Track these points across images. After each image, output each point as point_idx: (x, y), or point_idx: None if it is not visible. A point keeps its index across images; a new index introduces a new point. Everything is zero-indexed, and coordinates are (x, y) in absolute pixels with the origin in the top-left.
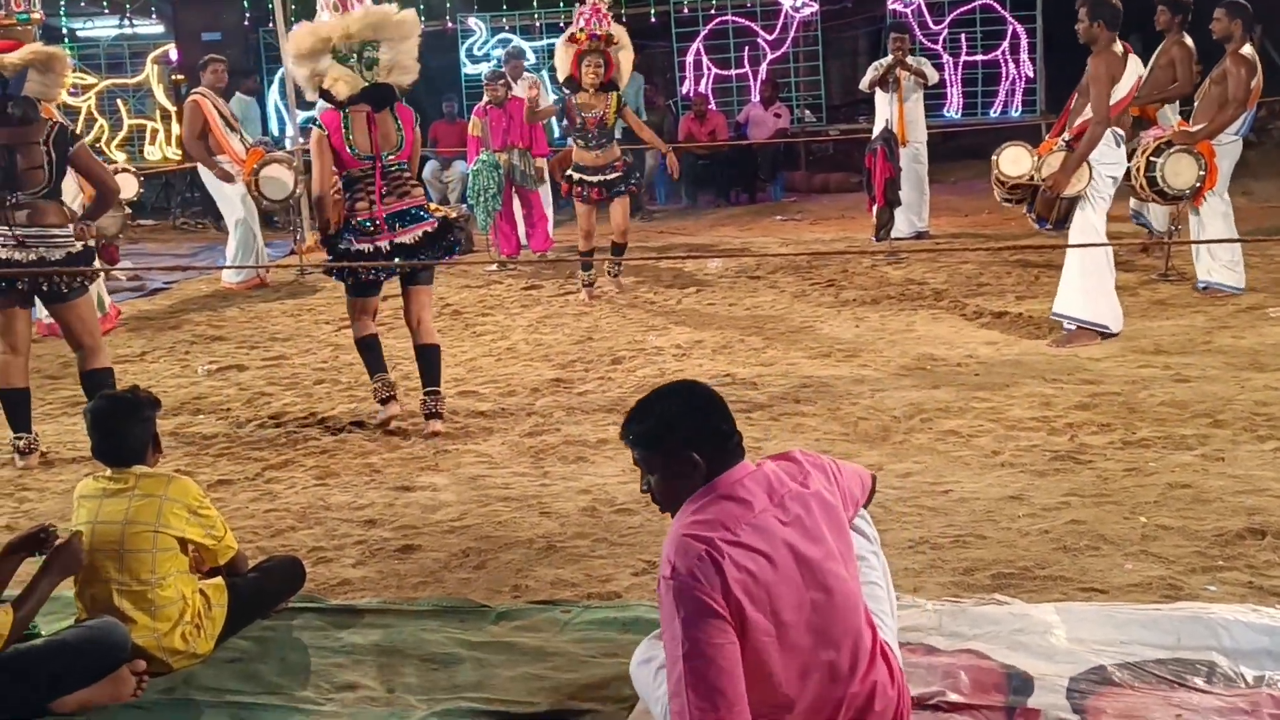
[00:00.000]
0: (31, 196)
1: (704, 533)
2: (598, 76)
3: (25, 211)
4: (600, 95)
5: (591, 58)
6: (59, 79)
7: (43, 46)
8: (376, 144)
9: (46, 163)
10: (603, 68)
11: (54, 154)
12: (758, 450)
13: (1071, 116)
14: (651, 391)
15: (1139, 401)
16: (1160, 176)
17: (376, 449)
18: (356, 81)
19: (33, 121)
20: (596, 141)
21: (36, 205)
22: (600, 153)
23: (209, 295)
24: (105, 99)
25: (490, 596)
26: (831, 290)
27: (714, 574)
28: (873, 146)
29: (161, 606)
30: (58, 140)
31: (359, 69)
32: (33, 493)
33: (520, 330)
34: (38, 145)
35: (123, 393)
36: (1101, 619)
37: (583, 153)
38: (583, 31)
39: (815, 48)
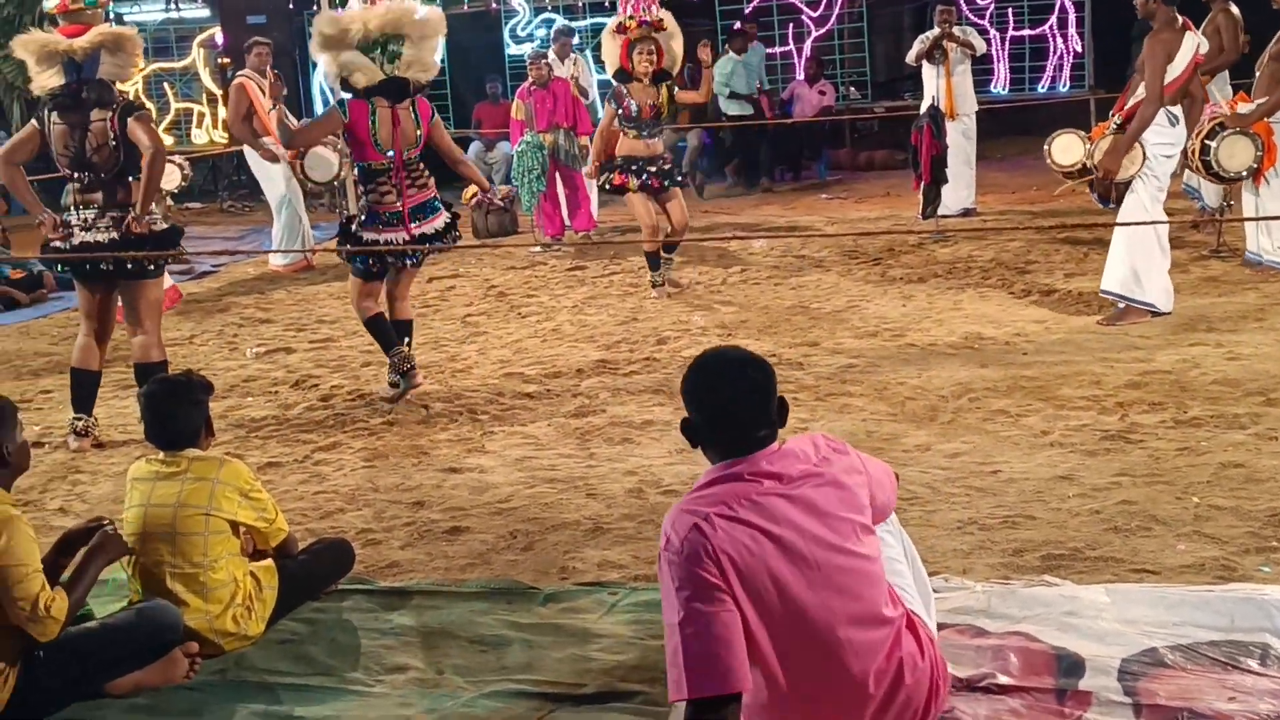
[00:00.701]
0: (105, 176)
1: (701, 507)
2: (651, 65)
3: (101, 191)
4: (653, 85)
5: (643, 45)
6: (131, 59)
7: (112, 28)
8: (399, 140)
9: (113, 140)
10: (655, 55)
11: (120, 131)
12: (804, 430)
13: (1129, 95)
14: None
15: (1190, 380)
16: (1215, 160)
17: (424, 431)
18: (375, 73)
19: (107, 103)
20: (650, 131)
21: (113, 184)
22: (653, 141)
23: (256, 278)
24: (152, 83)
25: (538, 578)
26: (878, 269)
27: (707, 546)
28: (919, 123)
29: (213, 589)
30: (123, 114)
31: (380, 61)
32: (85, 475)
33: (565, 311)
34: (105, 124)
35: (176, 376)
36: (1153, 600)
37: (635, 142)
38: (632, 19)
39: (860, 24)
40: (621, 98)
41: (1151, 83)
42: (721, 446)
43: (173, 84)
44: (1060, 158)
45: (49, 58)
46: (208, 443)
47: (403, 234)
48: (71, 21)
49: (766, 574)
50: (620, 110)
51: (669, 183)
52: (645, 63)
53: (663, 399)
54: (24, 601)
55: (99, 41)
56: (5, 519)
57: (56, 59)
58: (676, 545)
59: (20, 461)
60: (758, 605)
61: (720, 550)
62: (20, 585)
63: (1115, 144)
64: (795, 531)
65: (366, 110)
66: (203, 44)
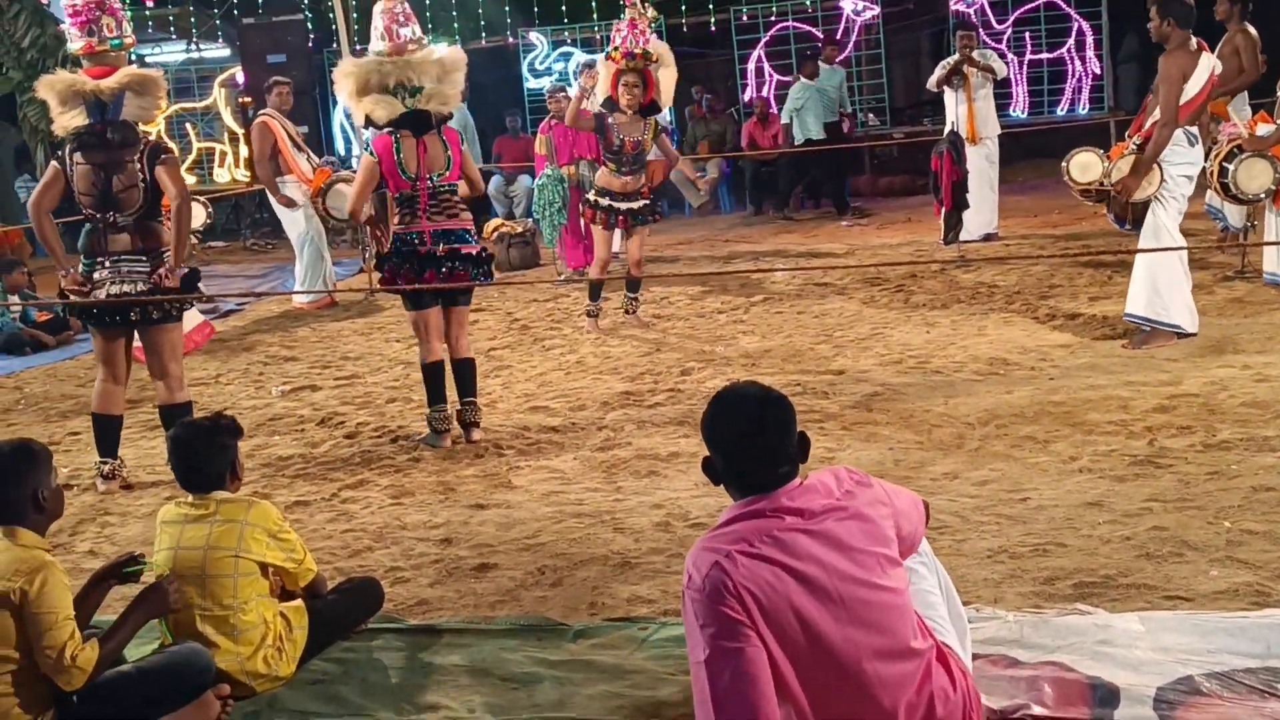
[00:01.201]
0: (129, 217)
1: (722, 545)
2: (635, 99)
3: (125, 235)
4: (639, 118)
5: (628, 77)
6: (155, 100)
7: (138, 69)
8: (424, 166)
9: (141, 181)
10: (640, 89)
11: (148, 172)
12: (831, 460)
13: (1146, 116)
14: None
15: (1219, 403)
16: (1233, 182)
17: (450, 467)
18: (396, 107)
19: (132, 144)
20: (630, 167)
21: (137, 228)
22: (631, 179)
23: (280, 315)
24: (174, 123)
25: (567, 614)
26: (900, 295)
27: (728, 583)
28: (939, 149)
29: (244, 630)
30: (150, 156)
31: (401, 95)
32: (115, 517)
33: (588, 343)
34: (133, 164)
35: (202, 420)
36: (1187, 628)
37: (612, 177)
38: (617, 50)
39: (878, 51)
40: (606, 127)
41: (1167, 103)
42: (742, 484)
43: (194, 124)
44: (1078, 175)
45: (73, 98)
46: (236, 485)
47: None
48: (97, 63)
49: (790, 610)
50: (603, 139)
51: (636, 223)
52: (629, 95)
53: (688, 430)
54: (51, 650)
55: (126, 83)
56: (40, 565)
57: (80, 100)
58: (699, 583)
59: (55, 507)
60: (782, 641)
61: (742, 587)
62: (50, 633)
63: (1134, 164)
64: (818, 567)
65: (391, 143)
66: (224, 84)
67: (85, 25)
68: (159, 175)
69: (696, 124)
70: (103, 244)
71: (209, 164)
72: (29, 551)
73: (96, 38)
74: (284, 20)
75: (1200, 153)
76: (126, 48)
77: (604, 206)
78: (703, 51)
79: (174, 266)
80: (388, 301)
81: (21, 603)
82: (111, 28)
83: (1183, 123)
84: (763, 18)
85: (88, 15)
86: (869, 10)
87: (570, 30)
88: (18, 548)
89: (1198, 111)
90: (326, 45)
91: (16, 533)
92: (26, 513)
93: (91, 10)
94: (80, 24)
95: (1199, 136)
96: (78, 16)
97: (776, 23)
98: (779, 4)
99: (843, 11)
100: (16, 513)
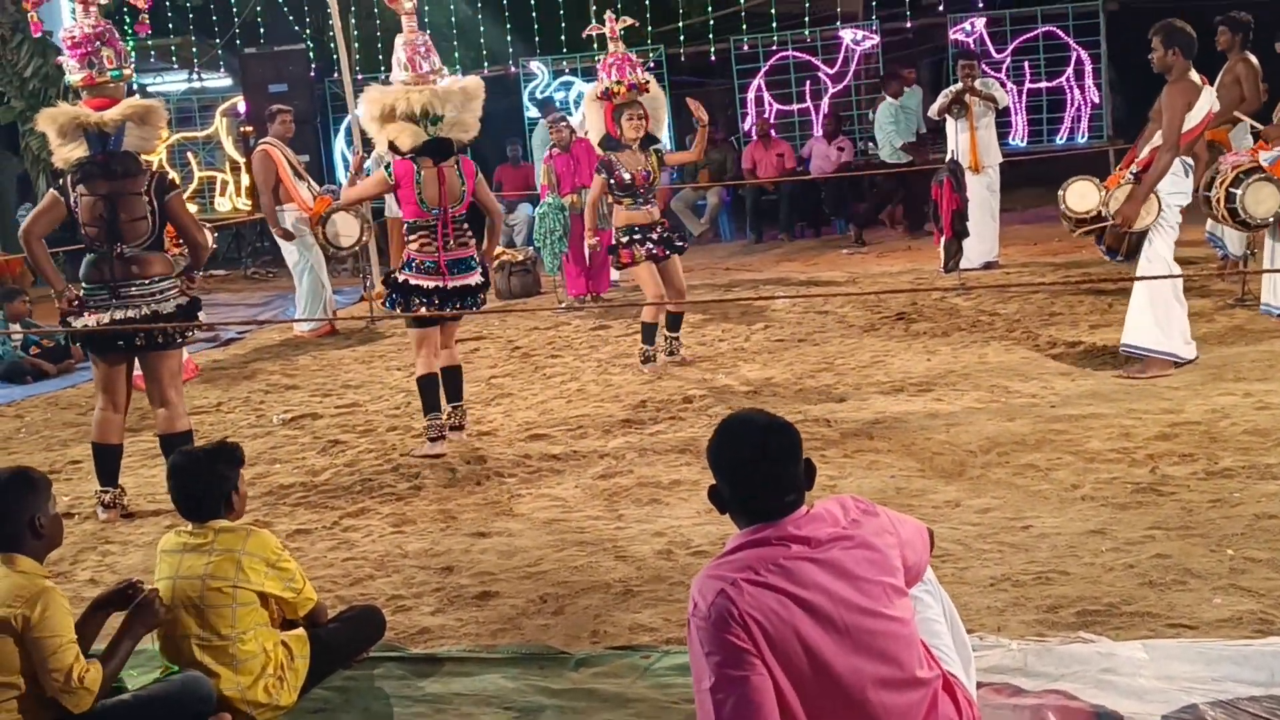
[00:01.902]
0: (136, 248)
1: (728, 572)
2: (639, 130)
3: (131, 264)
4: (639, 151)
5: (631, 110)
6: (156, 130)
7: (139, 100)
8: (444, 198)
9: (150, 212)
10: (642, 120)
11: (156, 203)
12: (832, 488)
13: (1142, 144)
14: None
15: (1220, 430)
16: (1241, 207)
17: (451, 495)
18: (420, 135)
19: (135, 174)
20: (645, 198)
21: (142, 257)
22: (650, 208)
23: (281, 344)
24: (175, 152)
25: (569, 643)
26: (901, 323)
27: (734, 611)
28: (939, 177)
29: (243, 660)
30: (158, 189)
31: (424, 124)
32: (115, 546)
33: (590, 371)
34: (140, 196)
35: (202, 448)
36: (1191, 656)
37: (633, 212)
38: (620, 84)
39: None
40: (612, 168)
41: (1170, 130)
42: (748, 512)
43: (196, 153)
44: (1075, 204)
45: (74, 130)
46: (234, 514)
47: (439, 282)
48: (97, 95)
49: (795, 638)
50: (612, 180)
51: (670, 251)
52: (633, 128)
53: (690, 458)
54: (58, 673)
55: (128, 114)
56: (40, 591)
57: (81, 132)
58: (704, 611)
59: (54, 535)
60: (788, 670)
61: (747, 614)
62: (55, 656)
63: (1133, 193)
64: (824, 595)
65: (412, 170)
66: (225, 113)
67: (85, 57)
68: (173, 216)
69: None
70: (107, 273)
71: (210, 193)
72: (29, 578)
73: (96, 69)
74: (285, 50)
75: (1190, 184)
76: (126, 79)
77: (637, 240)
78: (702, 81)
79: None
80: (389, 329)
81: (24, 629)
82: (111, 59)
83: (1181, 152)
84: (762, 47)
85: (87, 47)
86: (868, 40)
87: (570, 60)
88: (17, 574)
89: (1193, 143)
90: (328, 75)
91: (15, 560)
92: (25, 540)
93: (91, 42)
94: (80, 56)
95: (1191, 167)
96: (77, 49)
97: (776, 52)
98: (778, 34)
99: (842, 41)
100: (14, 540)
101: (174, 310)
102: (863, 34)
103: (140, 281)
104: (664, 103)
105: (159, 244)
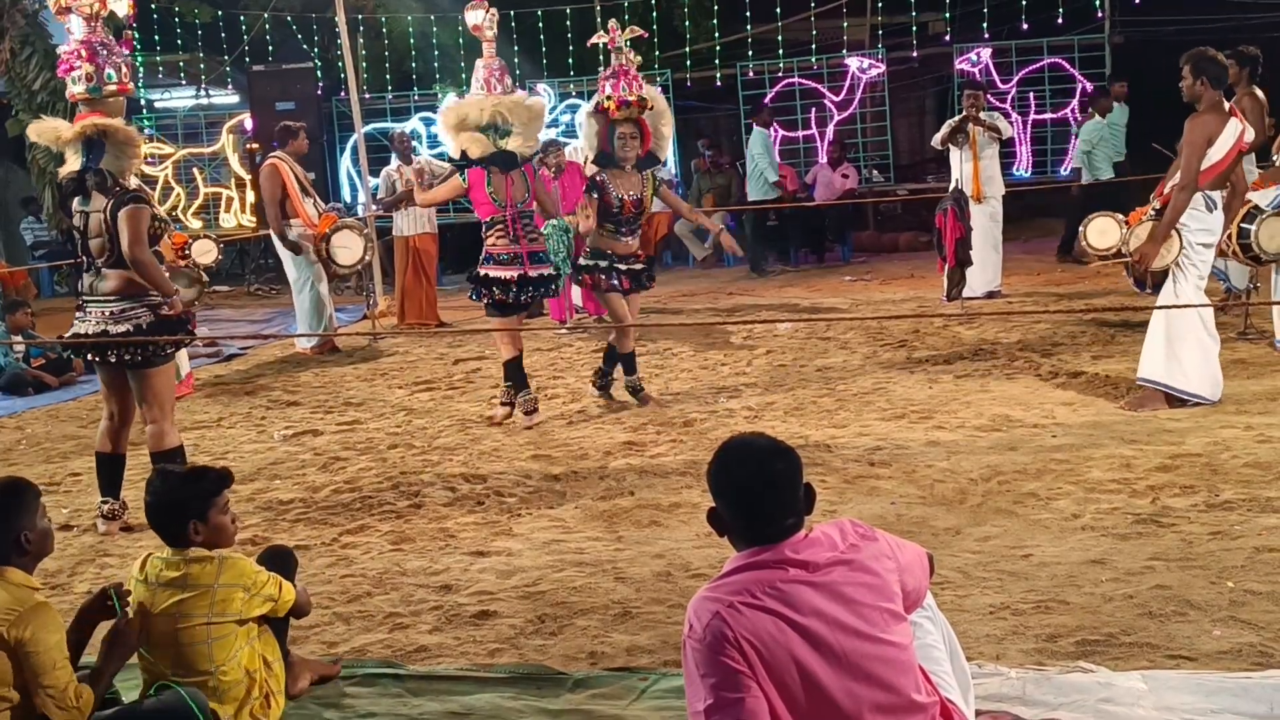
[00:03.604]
0: (102, 264)
1: (724, 595)
2: (635, 150)
3: (98, 279)
4: (635, 173)
5: (625, 128)
6: (125, 152)
7: (101, 120)
8: (511, 196)
9: (106, 231)
10: (639, 139)
11: (111, 222)
12: (832, 514)
13: (1169, 178)
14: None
15: (1222, 463)
16: (1255, 242)
17: (450, 514)
18: (487, 146)
19: (103, 192)
20: (630, 227)
21: (106, 274)
22: (632, 239)
23: (283, 360)
24: (182, 168)
25: (566, 663)
26: (903, 351)
27: (729, 633)
28: (943, 206)
29: (226, 690)
30: (115, 207)
31: (492, 137)
32: (114, 558)
33: (591, 393)
34: (101, 214)
35: (171, 472)
36: (1190, 687)
37: (613, 240)
38: (610, 99)
39: (882, 108)
40: (604, 189)
41: (1187, 167)
42: (747, 535)
43: (202, 168)
44: (1096, 241)
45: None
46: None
47: (519, 271)
48: (95, 109)
49: (791, 662)
50: (601, 201)
51: (635, 287)
52: (624, 148)
53: (690, 481)
54: (54, 689)
55: (86, 131)
56: (33, 608)
57: (72, 145)
58: (700, 632)
59: (41, 548)
60: (783, 693)
61: (742, 637)
62: (50, 674)
63: (1152, 231)
64: (820, 620)
65: (484, 176)
66: (232, 129)
67: (68, 73)
68: (119, 224)
69: (701, 177)
70: (86, 287)
71: (215, 209)
72: (21, 591)
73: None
74: (293, 68)
75: (1220, 219)
76: (122, 93)
77: (604, 268)
78: (709, 106)
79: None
80: (390, 347)
81: (17, 643)
82: (112, 72)
83: (1204, 187)
84: (768, 73)
85: (86, 60)
86: (874, 68)
87: (577, 83)
88: (11, 586)
89: (1221, 177)
90: (335, 93)
91: (4, 572)
92: (11, 553)
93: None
94: (64, 72)
95: (1218, 202)
96: (63, 65)
97: (782, 78)
98: (784, 60)
99: (848, 68)
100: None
101: (132, 330)
102: (869, 62)
103: (101, 298)
104: (669, 119)
105: (121, 262)
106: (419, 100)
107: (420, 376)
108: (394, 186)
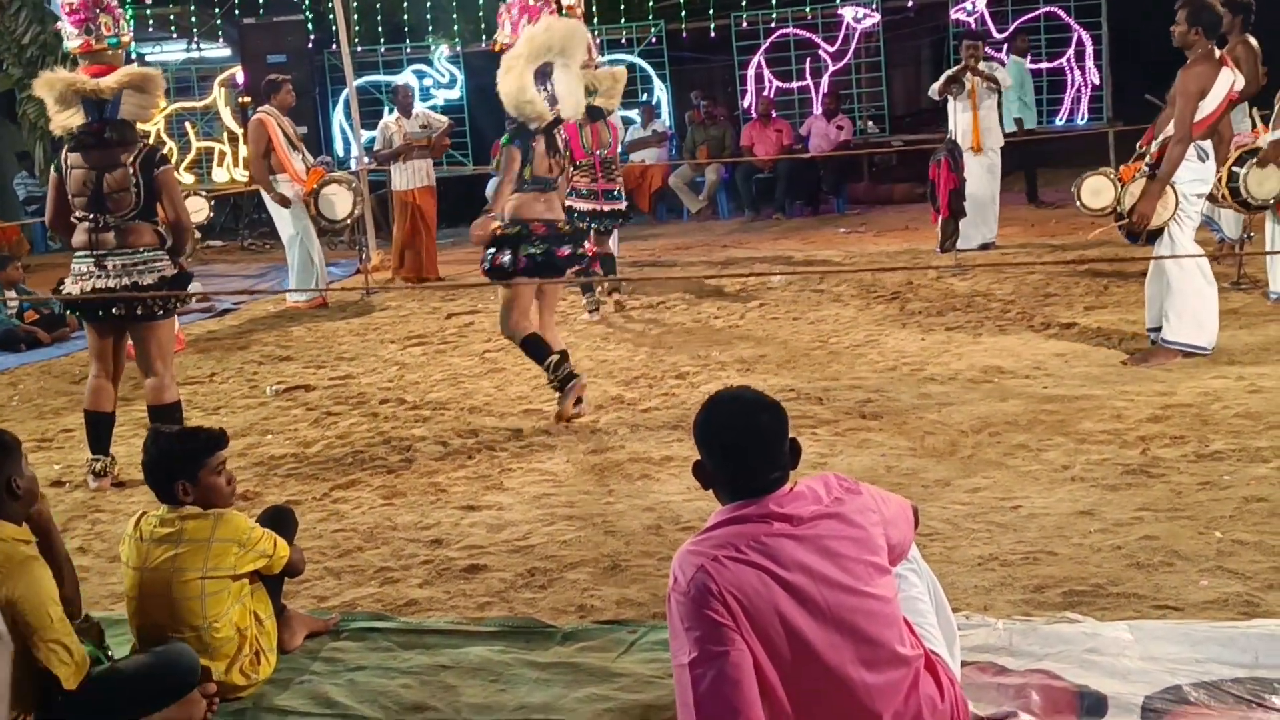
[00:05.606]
0: (121, 219)
1: (708, 549)
2: None
3: (114, 233)
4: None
5: None
6: (153, 99)
7: (137, 68)
8: (596, 144)
9: (134, 185)
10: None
11: (141, 176)
12: (823, 466)
13: (1160, 126)
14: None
15: (1212, 413)
16: (1243, 187)
17: (442, 468)
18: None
19: (128, 144)
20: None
21: (127, 227)
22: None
23: (276, 315)
24: (173, 122)
25: (556, 616)
26: (896, 303)
27: (713, 587)
28: (937, 157)
29: (218, 647)
30: (145, 162)
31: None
32: (105, 514)
33: (584, 347)
34: (126, 167)
35: (165, 431)
36: (1177, 637)
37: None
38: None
39: (877, 59)
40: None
41: (1182, 120)
42: (732, 489)
43: (194, 123)
44: (1090, 201)
45: (71, 97)
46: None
47: (597, 206)
48: (94, 62)
49: (775, 615)
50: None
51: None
52: None
53: (681, 435)
54: (55, 644)
55: (125, 81)
56: (21, 561)
57: (78, 99)
58: (684, 586)
59: (29, 494)
60: (767, 646)
61: (726, 590)
62: (47, 629)
63: (1148, 189)
64: (804, 573)
65: (578, 128)
66: (224, 83)
67: (82, 23)
68: (161, 191)
69: (695, 128)
70: (92, 240)
71: (208, 163)
72: (11, 545)
73: (94, 36)
74: (285, 21)
75: (1212, 169)
76: (124, 46)
77: None
78: (703, 57)
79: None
80: (383, 302)
81: (7, 602)
82: (109, 26)
83: (1196, 138)
84: (763, 24)
85: (85, 13)
86: (869, 18)
87: None
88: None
89: (1212, 127)
90: (326, 46)
91: None
92: (2, 502)
93: (89, 8)
94: (77, 22)
95: (1210, 152)
96: (74, 14)
97: (776, 29)
98: (779, 10)
99: (842, 18)
100: None
101: (156, 282)
102: (863, 12)
103: (124, 251)
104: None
105: (146, 214)
106: (411, 53)
107: (413, 331)
108: (391, 140)
